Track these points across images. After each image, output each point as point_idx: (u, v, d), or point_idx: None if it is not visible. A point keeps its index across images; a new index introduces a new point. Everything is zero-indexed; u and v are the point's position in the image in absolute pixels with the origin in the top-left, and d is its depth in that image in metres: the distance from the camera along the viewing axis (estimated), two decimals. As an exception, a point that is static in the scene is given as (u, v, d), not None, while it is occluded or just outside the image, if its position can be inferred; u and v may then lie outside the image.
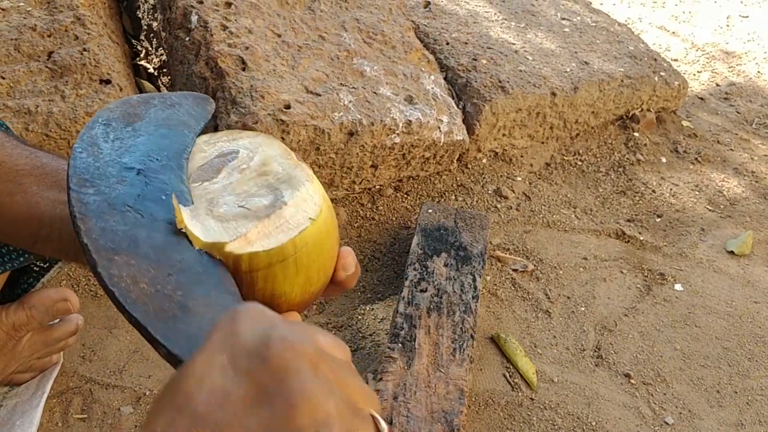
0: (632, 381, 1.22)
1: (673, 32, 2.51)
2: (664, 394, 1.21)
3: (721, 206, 1.66)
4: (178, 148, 0.54)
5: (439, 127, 1.42)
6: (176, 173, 0.52)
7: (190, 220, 0.49)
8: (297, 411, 0.33)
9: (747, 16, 2.66)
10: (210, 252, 0.48)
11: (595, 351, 1.27)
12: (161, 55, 1.46)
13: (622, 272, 1.44)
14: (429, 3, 1.76)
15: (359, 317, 1.27)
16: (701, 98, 2.08)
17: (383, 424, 0.38)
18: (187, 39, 1.34)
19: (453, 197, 1.52)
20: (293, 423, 0.33)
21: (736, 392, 1.23)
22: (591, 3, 2.10)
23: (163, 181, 0.51)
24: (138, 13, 1.54)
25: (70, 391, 1.08)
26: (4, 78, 1.24)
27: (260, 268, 0.48)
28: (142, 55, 1.54)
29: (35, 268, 0.95)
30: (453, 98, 1.52)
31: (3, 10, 1.33)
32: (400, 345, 1.07)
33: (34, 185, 0.60)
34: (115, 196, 0.48)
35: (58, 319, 1.00)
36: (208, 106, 0.60)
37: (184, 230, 0.48)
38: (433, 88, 1.47)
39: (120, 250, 0.45)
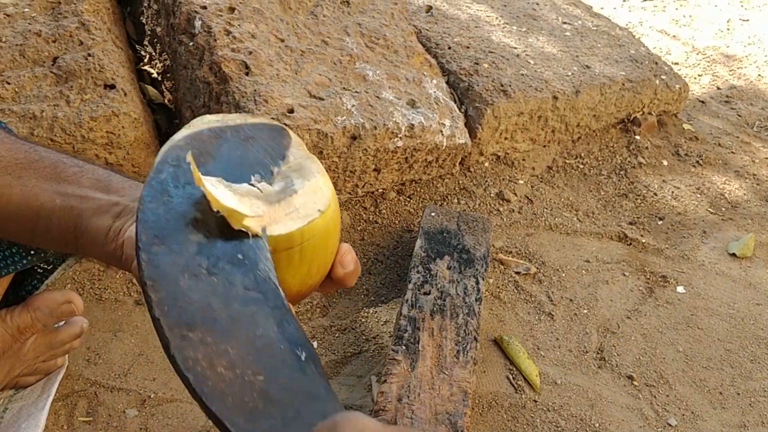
0: (635, 383, 1.23)
1: (674, 36, 2.52)
2: (667, 395, 1.21)
3: (723, 209, 1.66)
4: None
5: (441, 131, 1.43)
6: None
7: (211, 186, 0.45)
8: None
9: (747, 20, 2.67)
10: (228, 219, 0.44)
11: (598, 353, 1.28)
12: (165, 60, 1.47)
13: (624, 275, 1.44)
14: (431, 8, 1.77)
15: (363, 320, 1.27)
16: (702, 101, 2.09)
17: None
18: (191, 44, 1.35)
19: (455, 200, 1.52)
20: None
21: (738, 394, 1.23)
22: (592, 7, 2.10)
23: (237, 237, 0.46)
24: (141, 18, 1.55)
25: (76, 393, 1.08)
26: (9, 83, 1.25)
27: None
28: (145, 60, 1.55)
29: (39, 270, 0.95)
30: (455, 102, 1.53)
31: (8, 16, 1.34)
32: (403, 347, 1.07)
33: (33, 178, 0.60)
34: (188, 257, 0.44)
35: (62, 322, 1.00)
36: (284, 140, 0.55)
37: (204, 193, 0.44)
38: (435, 92, 1.48)
39: (195, 326, 0.40)
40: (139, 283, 0.43)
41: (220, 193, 0.46)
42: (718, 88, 2.19)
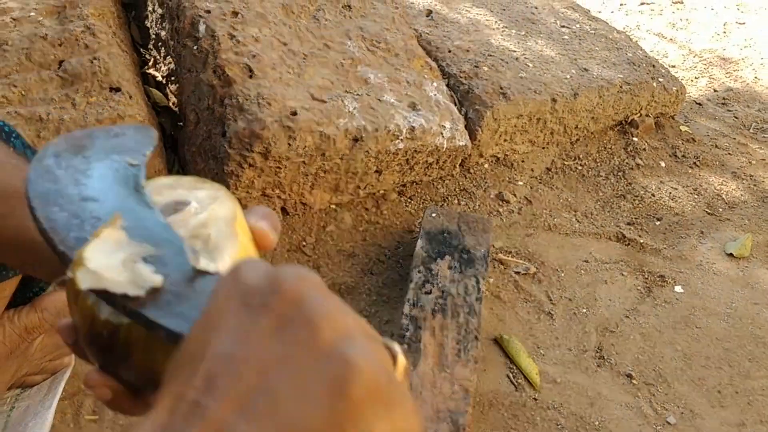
0: (634, 381, 1.24)
1: (671, 39, 2.54)
2: (666, 394, 1.23)
3: (720, 209, 1.68)
4: (131, 171, 0.55)
5: (441, 133, 1.45)
6: (135, 195, 0.52)
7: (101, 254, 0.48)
8: (319, 328, 0.33)
9: (743, 23, 2.70)
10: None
11: (597, 352, 1.29)
12: (169, 63, 1.49)
13: (622, 274, 1.46)
14: (431, 12, 1.79)
15: (364, 319, 1.29)
16: (699, 104, 2.11)
17: (395, 347, 0.38)
18: (195, 48, 1.36)
19: (456, 201, 1.54)
20: (318, 340, 0.33)
21: (737, 392, 1.25)
22: (590, 11, 2.13)
23: (125, 197, 0.52)
24: (146, 22, 1.57)
25: (82, 392, 1.09)
26: (15, 86, 1.27)
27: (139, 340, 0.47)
28: (150, 64, 1.57)
29: None
30: (455, 105, 1.55)
31: (14, 20, 1.36)
32: (405, 346, 1.09)
33: (26, 209, 0.61)
34: (81, 212, 0.49)
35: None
36: (151, 133, 0.61)
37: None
38: (435, 94, 1.50)
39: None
40: (45, 240, 0.47)
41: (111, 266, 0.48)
42: (715, 91, 2.21)
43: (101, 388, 0.47)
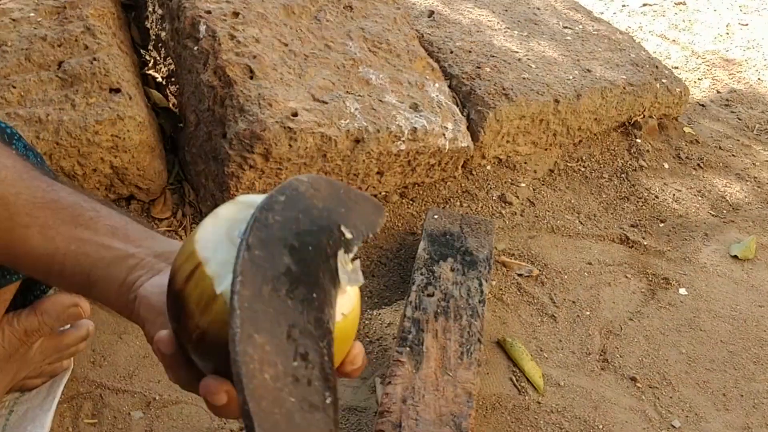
0: (638, 384, 1.23)
1: (674, 40, 2.53)
2: (671, 397, 1.22)
3: (724, 211, 1.67)
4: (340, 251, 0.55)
5: (443, 134, 1.44)
6: (332, 273, 0.53)
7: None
8: None
9: (746, 24, 2.68)
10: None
11: (601, 355, 1.28)
12: (169, 64, 1.48)
13: (626, 277, 1.45)
14: (433, 12, 1.78)
15: (366, 322, 1.28)
16: (702, 105, 2.10)
17: None
18: (195, 48, 1.35)
19: (458, 203, 1.53)
20: None
21: (742, 395, 1.24)
22: (592, 12, 2.12)
23: (320, 275, 0.52)
24: (146, 23, 1.56)
25: (81, 396, 1.08)
26: (15, 87, 1.26)
27: None
28: (150, 65, 1.56)
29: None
30: (457, 106, 1.54)
31: (14, 20, 1.35)
32: (408, 349, 1.08)
33: (50, 219, 0.60)
34: (276, 269, 0.48)
35: (69, 325, 1.01)
36: (379, 218, 0.61)
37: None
38: (437, 95, 1.49)
39: (261, 331, 0.45)
40: (232, 279, 0.47)
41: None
42: (718, 92, 2.20)
43: (219, 393, 0.49)
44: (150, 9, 1.53)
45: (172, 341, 0.53)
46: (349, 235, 0.55)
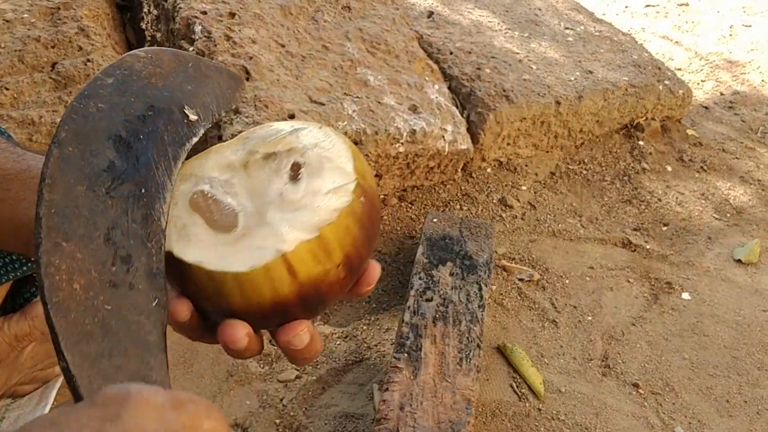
0: (640, 390, 1.21)
1: (677, 42, 2.51)
2: (673, 403, 1.20)
3: (728, 214, 1.65)
4: (181, 136, 0.51)
5: (443, 137, 1.42)
6: (168, 163, 0.49)
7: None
8: None
9: (750, 26, 2.66)
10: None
11: (603, 360, 1.26)
12: (165, 65, 1.46)
13: (628, 281, 1.43)
14: (432, 13, 1.77)
15: (364, 327, 1.26)
16: (705, 107, 2.07)
17: None
18: (191, 49, 1.34)
19: (458, 206, 1.51)
20: None
21: (745, 402, 1.22)
22: (594, 13, 2.10)
23: (152, 166, 0.48)
24: (141, 24, 1.54)
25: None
26: (8, 89, 1.25)
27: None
28: (145, 66, 1.54)
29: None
30: (457, 107, 1.52)
31: (7, 21, 1.34)
32: (406, 355, 1.05)
33: (21, 190, 0.59)
34: (95, 169, 0.45)
35: (60, 330, 0.99)
36: (237, 91, 0.57)
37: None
38: (437, 97, 1.47)
39: (71, 238, 0.42)
40: (40, 180, 0.43)
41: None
42: (722, 94, 2.18)
43: (241, 339, 0.48)
44: (145, 10, 1.51)
45: (189, 307, 0.50)
46: (193, 117, 0.51)
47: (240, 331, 0.48)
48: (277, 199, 0.49)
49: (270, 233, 0.48)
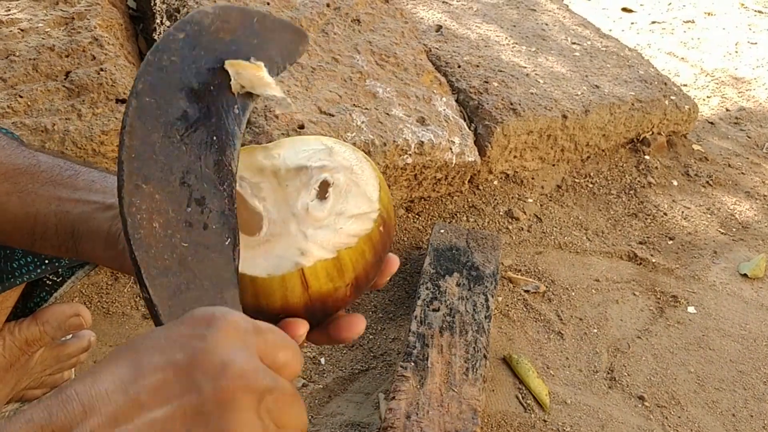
0: (646, 404, 1.21)
1: (682, 58, 2.52)
2: (679, 417, 1.20)
3: (734, 229, 1.65)
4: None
5: (451, 149, 1.43)
6: (237, 112, 0.51)
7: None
8: None
9: (756, 43, 2.68)
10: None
11: (609, 373, 1.26)
12: (176, 76, 1.48)
13: (634, 294, 1.43)
14: (440, 27, 1.78)
15: (370, 337, 1.26)
16: (711, 123, 2.08)
17: None
18: (203, 60, 1.35)
19: (464, 218, 1.52)
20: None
21: (751, 416, 1.22)
22: (600, 29, 2.11)
23: (222, 115, 0.50)
24: (154, 35, 1.56)
25: (81, 408, 1.07)
26: (21, 97, 1.26)
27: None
28: (157, 76, 1.56)
29: (48, 282, 0.95)
30: (465, 120, 1.53)
31: (22, 30, 1.36)
32: (412, 364, 1.06)
33: (30, 183, 0.61)
34: (170, 118, 0.47)
35: (70, 335, 1.00)
36: (301, 45, 0.58)
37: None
38: (445, 109, 1.48)
39: (150, 180, 0.45)
40: (121, 131, 0.46)
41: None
42: (727, 110, 2.19)
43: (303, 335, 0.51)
44: (158, 20, 1.53)
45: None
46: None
47: (302, 329, 0.50)
48: (302, 212, 0.51)
49: (292, 245, 0.50)
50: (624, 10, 3.10)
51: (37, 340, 0.92)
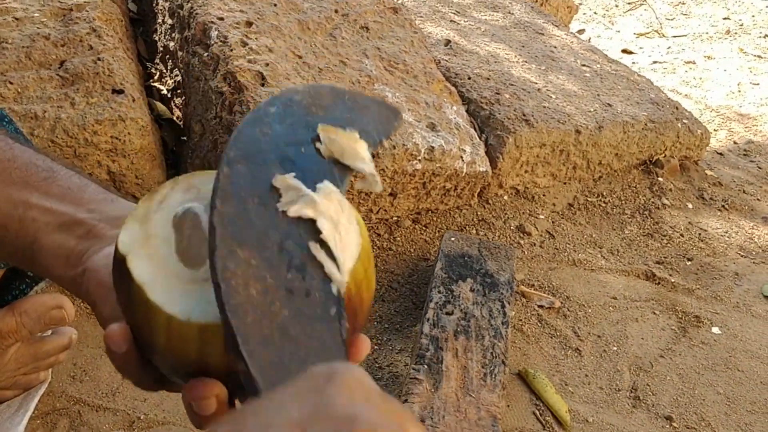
0: (674, 424, 1.12)
1: (686, 95, 2.50)
2: (711, 439, 1.10)
3: (754, 252, 1.58)
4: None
5: (461, 157, 1.37)
6: (335, 181, 0.47)
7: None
8: None
9: (758, 84, 2.66)
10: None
11: (632, 392, 1.17)
12: (176, 76, 1.42)
13: (654, 313, 1.35)
14: (449, 42, 1.74)
15: (376, 348, 1.17)
16: (720, 153, 2.04)
17: None
18: (206, 54, 1.29)
19: (474, 231, 1.44)
20: None
21: (788, 440, 1.12)
22: (608, 54, 2.08)
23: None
24: (154, 36, 1.51)
25: (57, 412, 0.97)
26: (12, 83, 1.19)
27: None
28: (155, 77, 1.50)
29: (29, 272, 0.86)
30: (475, 131, 1.47)
31: (17, 19, 1.29)
32: (425, 367, 0.97)
33: None
34: (264, 184, 0.44)
35: (50, 331, 0.90)
36: (396, 121, 0.56)
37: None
38: (455, 117, 1.42)
39: (245, 245, 0.41)
40: (212, 197, 0.43)
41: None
42: (735, 143, 2.15)
43: (209, 398, 0.43)
44: (160, 20, 1.48)
45: (126, 337, 0.45)
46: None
47: (210, 389, 0.43)
48: None
49: None
50: (624, 51, 3.10)
51: (14, 332, 0.83)
